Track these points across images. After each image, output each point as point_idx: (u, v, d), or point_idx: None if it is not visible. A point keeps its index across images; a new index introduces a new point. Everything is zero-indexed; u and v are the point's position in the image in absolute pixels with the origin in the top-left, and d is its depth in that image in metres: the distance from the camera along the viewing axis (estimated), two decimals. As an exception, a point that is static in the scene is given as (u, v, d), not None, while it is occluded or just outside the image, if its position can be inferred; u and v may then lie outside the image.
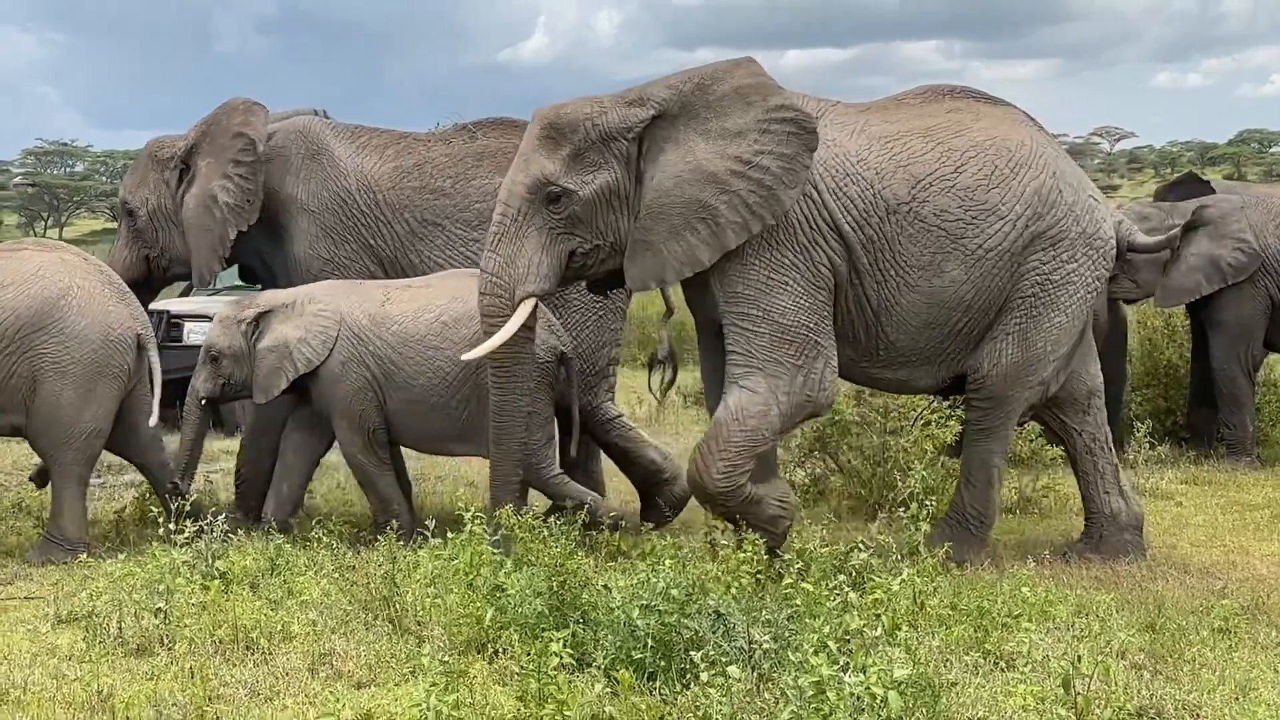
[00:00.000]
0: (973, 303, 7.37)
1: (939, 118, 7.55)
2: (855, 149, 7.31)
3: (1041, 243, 7.40)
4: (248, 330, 8.39)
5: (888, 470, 8.87)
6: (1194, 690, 5.21)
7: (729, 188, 7.05)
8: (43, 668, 5.73)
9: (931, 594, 6.07)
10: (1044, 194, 7.41)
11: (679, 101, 7.23)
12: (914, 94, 7.83)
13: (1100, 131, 77.61)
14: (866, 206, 7.21)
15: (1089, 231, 7.55)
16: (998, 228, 7.32)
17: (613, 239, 7.29)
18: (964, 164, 7.34)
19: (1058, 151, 7.72)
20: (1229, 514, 9.16)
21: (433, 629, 6.07)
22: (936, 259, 7.27)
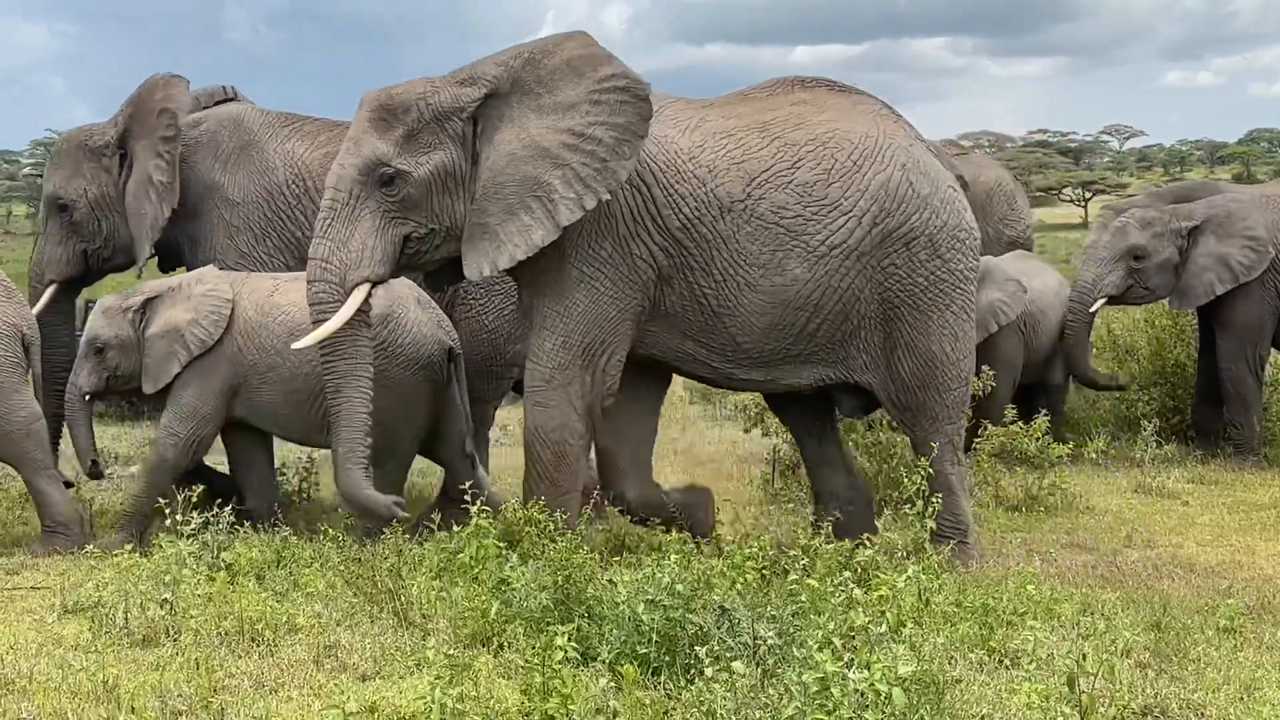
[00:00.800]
0: (821, 303, 7.19)
1: (780, 111, 7.39)
2: (688, 146, 7.17)
3: (894, 243, 7.23)
4: (134, 319, 8.21)
5: (893, 467, 8.87)
6: (1198, 689, 5.20)
7: (562, 161, 6.95)
8: (49, 658, 5.74)
9: (936, 591, 6.06)
10: (891, 188, 7.23)
11: (510, 78, 7.16)
12: (763, 87, 7.68)
13: (1110, 130, 77.46)
14: (699, 204, 7.06)
15: (950, 224, 7.37)
16: (841, 224, 7.15)
17: (449, 222, 7.16)
18: (802, 159, 7.18)
19: (912, 143, 7.49)
20: (1235, 513, 9.15)
21: (438, 622, 6.08)
22: (777, 257, 7.11)
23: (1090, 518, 9.01)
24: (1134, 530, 8.58)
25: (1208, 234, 10.93)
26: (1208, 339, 11.39)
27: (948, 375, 7.43)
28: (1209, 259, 10.86)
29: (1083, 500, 9.37)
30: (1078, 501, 9.32)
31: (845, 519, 7.61)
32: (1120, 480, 10.26)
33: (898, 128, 7.50)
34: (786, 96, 7.51)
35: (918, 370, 7.36)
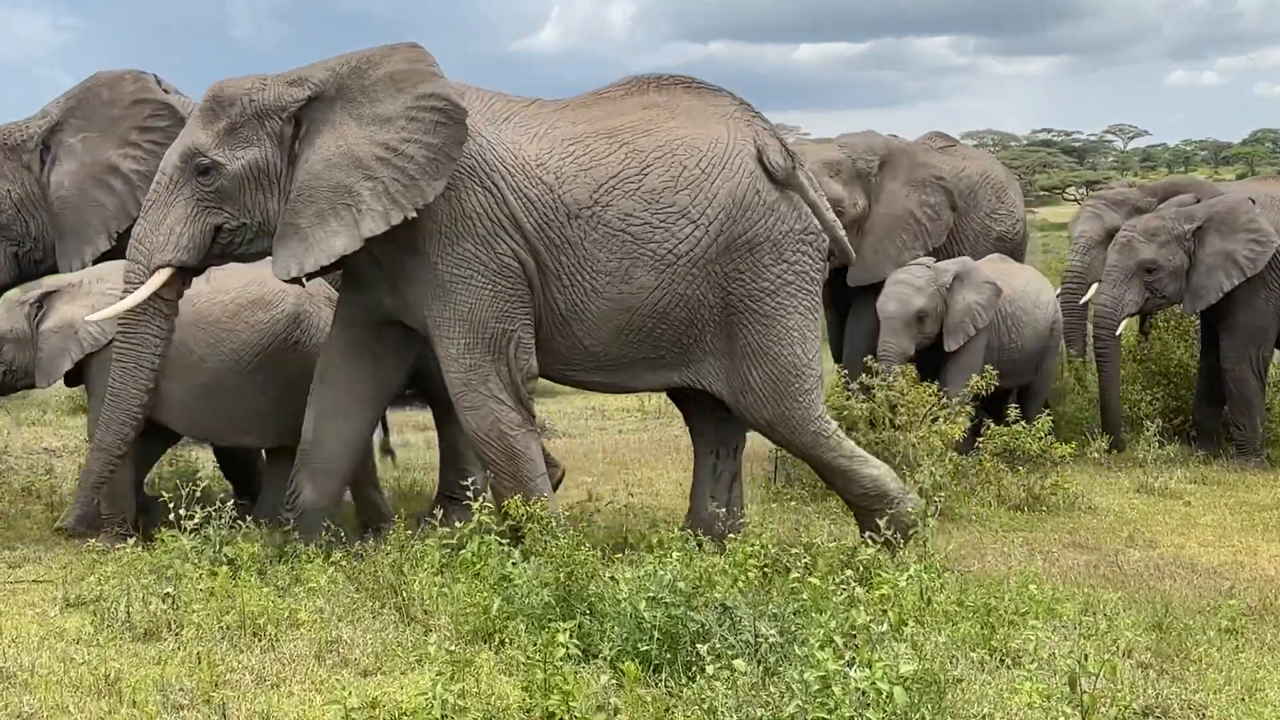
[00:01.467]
0: (669, 311, 7.17)
1: (630, 116, 7.35)
2: (536, 153, 7.15)
3: (739, 249, 7.19)
4: (30, 312, 8.08)
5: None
6: (1200, 690, 5.21)
7: (373, 174, 6.97)
8: (50, 651, 5.75)
9: (938, 590, 6.06)
10: (739, 196, 7.18)
11: (336, 84, 7.17)
12: (619, 86, 7.61)
13: (1114, 129, 77.45)
14: (547, 210, 7.06)
15: (796, 227, 7.32)
16: (688, 232, 7.12)
17: (260, 218, 7.18)
18: (650, 165, 7.14)
19: (767, 143, 7.38)
20: (1238, 514, 9.15)
21: (439, 618, 6.08)
22: (624, 265, 7.09)
23: (1092, 517, 9.01)
24: (1136, 530, 8.58)
25: (1211, 233, 10.94)
26: (1210, 339, 11.40)
27: (801, 379, 7.35)
28: (1216, 257, 10.88)
29: (1085, 500, 9.37)
30: (1080, 501, 9.32)
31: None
32: (1122, 480, 10.26)
33: (750, 130, 7.41)
34: (639, 99, 7.47)
35: (770, 378, 7.29)
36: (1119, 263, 11.07)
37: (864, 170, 11.31)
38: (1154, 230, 11.03)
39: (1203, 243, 10.93)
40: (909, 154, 11.78)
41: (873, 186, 11.31)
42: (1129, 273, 11.01)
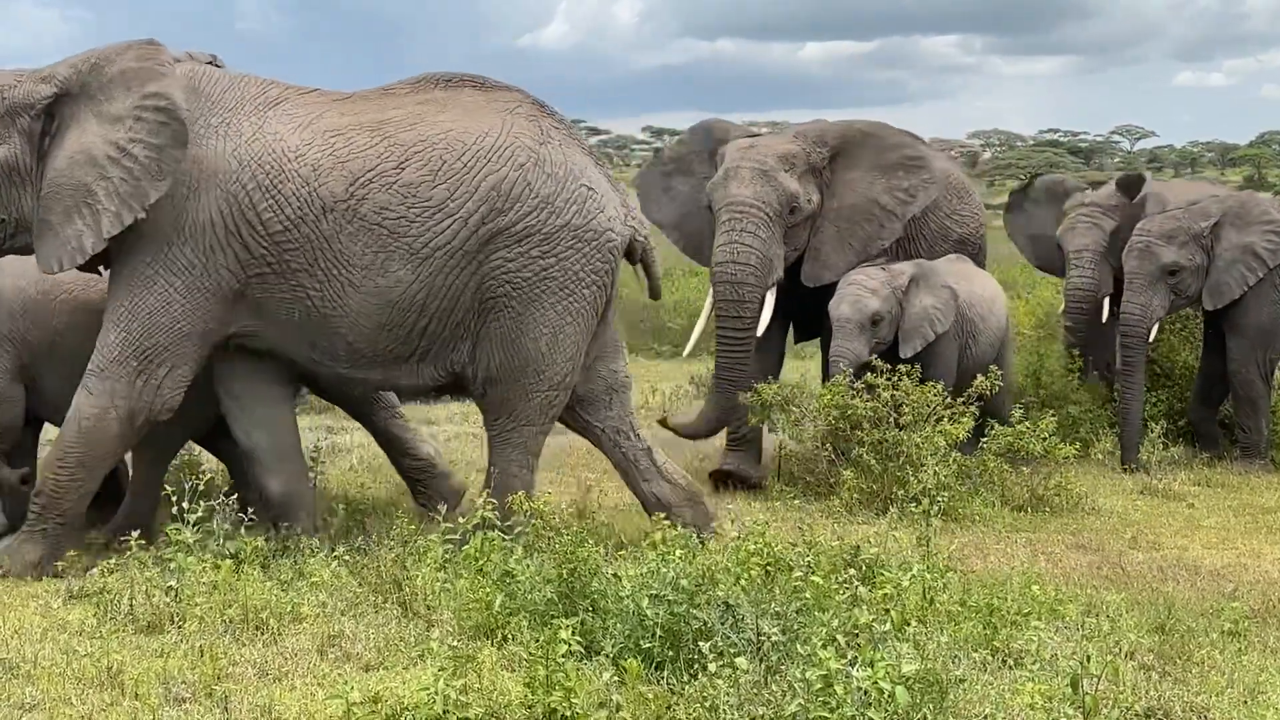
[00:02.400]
0: (428, 304, 7.11)
1: (400, 110, 7.27)
2: (296, 144, 7.08)
3: (505, 239, 7.12)
4: None
5: (899, 465, 8.86)
6: (1202, 692, 5.20)
7: (106, 174, 6.94)
8: (54, 643, 5.75)
9: (941, 590, 6.06)
10: (505, 189, 7.11)
11: (79, 81, 7.14)
12: (406, 83, 7.55)
13: (1121, 130, 77.40)
14: (302, 204, 6.98)
15: (574, 224, 7.23)
16: (446, 225, 7.05)
17: (17, 215, 7.17)
18: (409, 159, 7.07)
19: (543, 142, 7.30)
20: (1241, 516, 9.14)
21: (442, 614, 6.08)
22: (380, 258, 7.03)
23: (1096, 519, 9.00)
24: (1139, 532, 8.58)
25: (1227, 227, 10.93)
26: (1213, 340, 11.38)
27: (539, 375, 7.31)
28: (1235, 251, 10.85)
29: (1088, 501, 9.36)
30: (1083, 502, 9.31)
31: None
32: (1126, 482, 10.25)
33: (530, 126, 7.33)
34: (418, 95, 7.41)
35: (507, 364, 7.26)
36: (1140, 269, 10.89)
37: (818, 164, 10.34)
38: (1170, 232, 10.93)
39: (1219, 238, 10.90)
40: (877, 136, 10.63)
41: (827, 179, 10.30)
42: (1152, 278, 10.85)
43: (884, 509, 8.51)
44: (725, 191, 9.79)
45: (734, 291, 9.62)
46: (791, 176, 9.93)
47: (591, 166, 7.48)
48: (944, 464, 8.68)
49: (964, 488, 8.99)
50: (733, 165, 9.89)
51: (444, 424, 12.97)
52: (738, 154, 9.98)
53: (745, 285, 9.62)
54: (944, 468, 8.63)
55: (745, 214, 9.66)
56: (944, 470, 8.61)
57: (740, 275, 9.61)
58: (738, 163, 9.88)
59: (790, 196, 9.81)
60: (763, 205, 9.69)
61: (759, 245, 9.63)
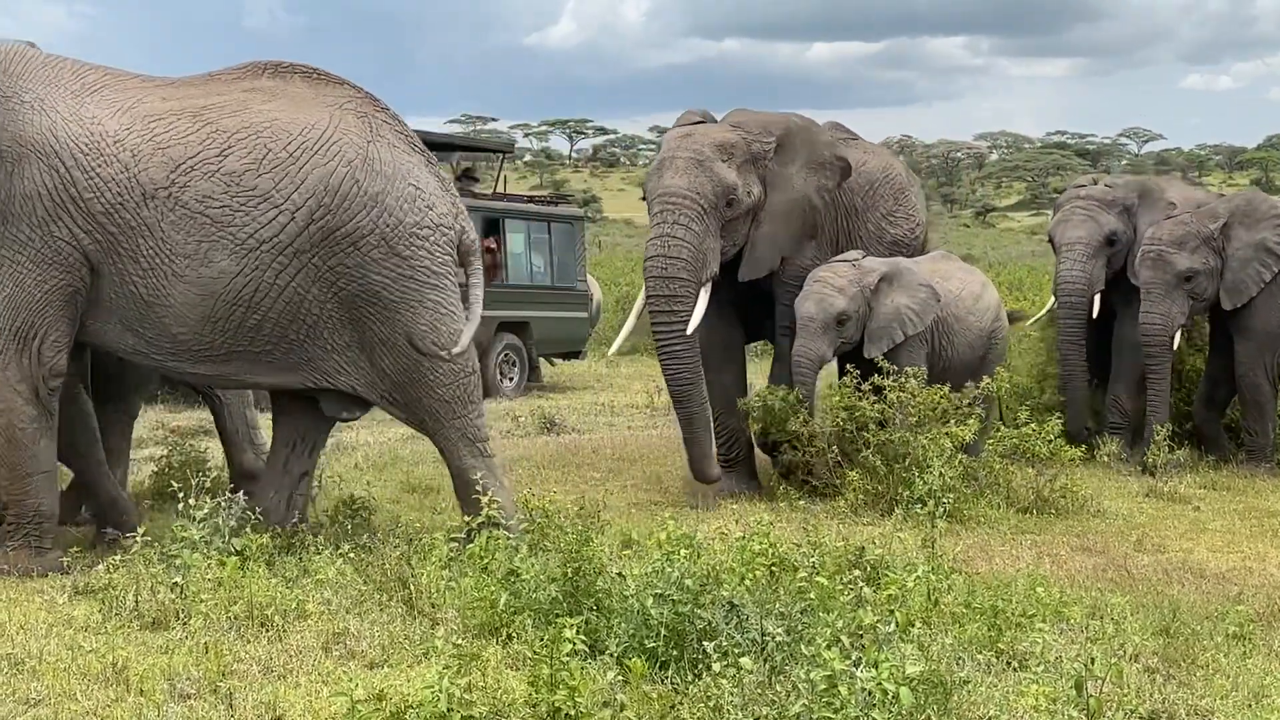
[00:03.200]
0: (254, 298, 6.97)
1: (226, 97, 7.15)
2: (115, 129, 6.96)
3: (341, 243, 7.02)
4: None
5: (905, 466, 8.85)
6: (1207, 695, 5.20)
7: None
8: (59, 638, 5.76)
9: (946, 591, 6.06)
10: (333, 184, 7.01)
11: None
12: (234, 69, 7.43)
13: (1128, 133, 77.35)
14: (122, 190, 6.88)
15: (409, 222, 7.14)
16: (271, 217, 6.94)
17: None
18: (231, 147, 6.95)
19: (371, 139, 7.20)
20: (1247, 520, 9.14)
21: (447, 612, 6.09)
22: (203, 248, 6.90)
23: (1101, 521, 8.99)
24: (1145, 534, 8.57)
25: (1236, 226, 10.95)
26: (1219, 344, 11.38)
27: (436, 371, 7.24)
28: (1248, 249, 10.87)
29: (1093, 504, 9.36)
30: (1088, 505, 9.31)
31: None
32: (1131, 484, 10.26)
33: (359, 122, 7.24)
34: (247, 82, 7.30)
35: (400, 366, 7.19)
36: (1157, 278, 10.85)
37: (759, 154, 9.80)
38: (1181, 238, 10.91)
39: (1230, 238, 10.91)
40: (809, 130, 10.21)
41: (769, 172, 9.82)
42: (1169, 286, 10.83)
43: (889, 510, 8.52)
44: (659, 182, 9.44)
45: (665, 287, 9.31)
46: (729, 167, 9.50)
47: (420, 166, 7.38)
48: (950, 466, 8.67)
49: (969, 489, 8.99)
50: (668, 154, 9.56)
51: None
52: (674, 142, 9.64)
53: (676, 280, 9.28)
54: (950, 469, 8.62)
55: (678, 206, 9.29)
56: (950, 472, 8.60)
57: (671, 270, 9.28)
58: (673, 152, 9.52)
59: (727, 188, 9.42)
60: (697, 197, 9.31)
61: (692, 239, 9.27)
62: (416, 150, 7.44)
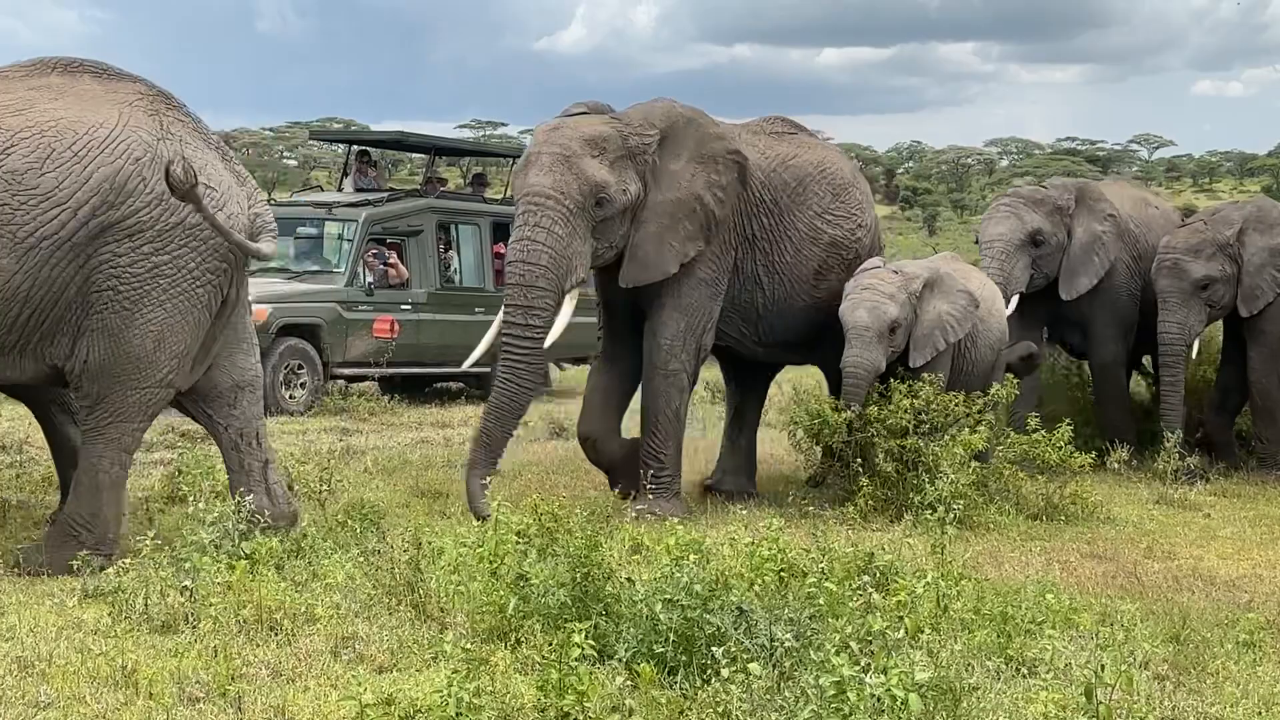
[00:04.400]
0: (31, 295, 6.87)
1: (10, 95, 7.02)
2: None
3: (116, 233, 6.90)
4: None
5: (917, 474, 8.83)
6: (1217, 703, 5.18)
7: None
8: (68, 641, 5.77)
9: (955, 597, 6.05)
10: (119, 181, 6.89)
11: None
12: (21, 66, 7.29)
13: (1139, 139, 77.25)
14: None
15: (190, 222, 7.01)
16: (54, 215, 6.83)
17: None
18: (14, 145, 6.86)
19: (160, 138, 7.08)
20: (1257, 527, 9.11)
21: (456, 616, 6.09)
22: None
23: (1111, 528, 8.98)
24: (1154, 541, 8.55)
25: (1251, 233, 10.93)
26: (1230, 351, 11.35)
27: (140, 373, 7.11)
28: (1263, 255, 10.86)
29: (1103, 510, 9.34)
30: (1098, 511, 9.29)
31: None
32: (1141, 491, 10.24)
33: (149, 120, 7.13)
34: (31, 80, 7.18)
35: (110, 359, 7.04)
36: (1172, 286, 10.80)
37: (638, 149, 8.96)
38: (1197, 246, 10.86)
39: (1245, 245, 10.89)
40: (698, 123, 9.33)
41: (651, 167, 9.00)
42: (1185, 294, 10.77)
43: (899, 516, 8.51)
44: (523, 180, 8.75)
45: (522, 295, 8.60)
46: (600, 163, 8.73)
47: (215, 162, 7.29)
48: (961, 472, 8.65)
49: (980, 495, 8.97)
50: (534, 150, 8.86)
51: (458, 427, 13.01)
52: (541, 137, 8.96)
53: (535, 289, 8.57)
54: (962, 475, 8.60)
55: (540, 206, 8.57)
56: (961, 478, 8.58)
57: (529, 277, 8.56)
58: (539, 148, 8.82)
59: (595, 186, 8.68)
60: (561, 196, 8.57)
61: (553, 243, 8.54)
62: (212, 147, 7.33)
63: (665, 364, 9.14)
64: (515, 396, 8.71)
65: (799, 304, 9.76)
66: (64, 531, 7.18)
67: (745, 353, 9.99)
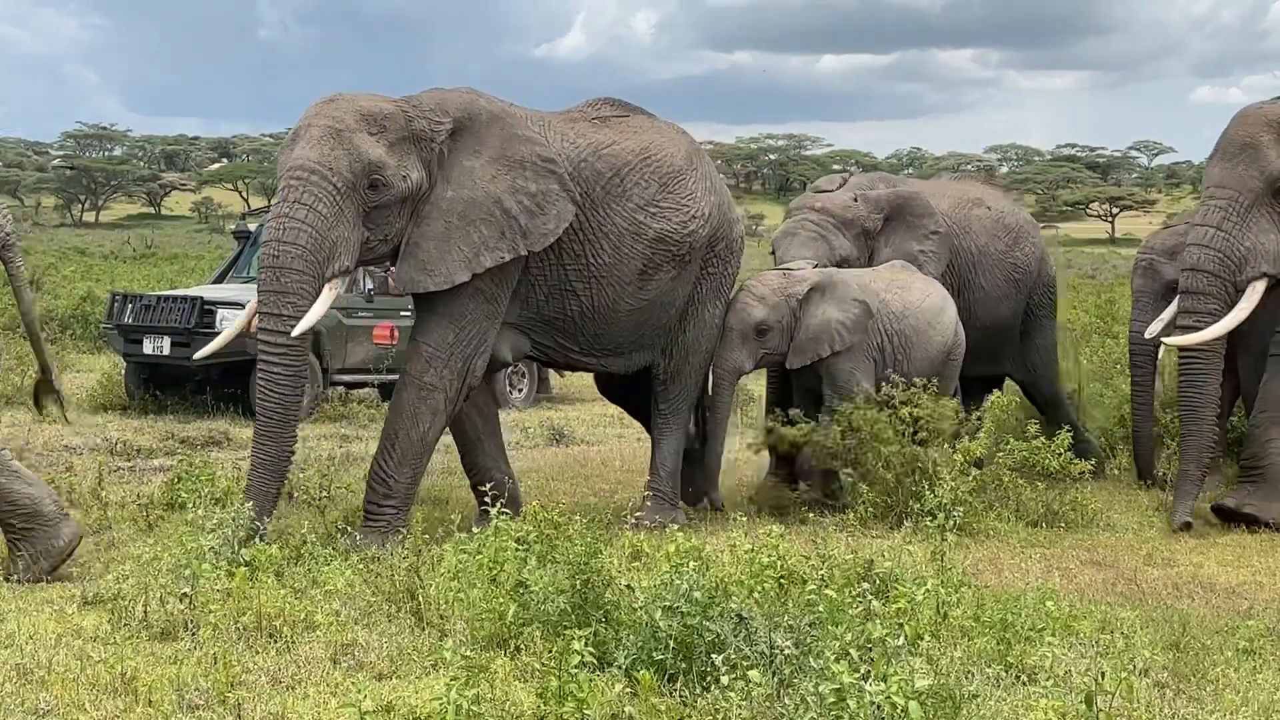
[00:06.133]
0: None
1: None
2: None
3: None
4: None
5: (916, 480, 8.84)
6: (1216, 711, 5.18)
7: None
8: (68, 648, 5.76)
9: (955, 605, 6.05)
10: None
11: None
12: None
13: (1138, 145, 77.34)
14: None
15: None
16: None
17: None
18: None
19: None
20: (1257, 534, 9.10)
21: (455, 623, 6.09)
22: None
23: (1111, 535, 8.98)
24: (1154, 549, 8.55)
25: None
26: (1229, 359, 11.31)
27: None
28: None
29: (1103, 517, 9.34)
30: (1098, 518, 9.29)
31: None
32: (1141, 498, 10.23)
33: None
34: None
35: None
36: (1146, 287, 10.75)
37: (424, 133, 8.04)
38: (1174, 248, 10.80)
39: None
40: (505, 121, 8.36)
41: (440, 158, 8.11)
42: (1159, 296, 10.71)
43: (898, 523, 8.51)
44: (288, 155, 7.84)
45: (275, 279, 7.63)
46: (378, 142, 7.82)
47: None
48: (960, 479, 8.65)
49: (979, 502, 8.97)
50: (303, 123, 7.90)
51: (459, 433, 12.99)
52: (313, 109, 7.98)
53: (290, 272, 7.58)
54: (961, 482, 8.61)
55: (304, 182, 7.62)
56: (961, 485, 8.58)
57: (285, 258, 7.59)
58: (309, 120, 7.88)
59: (370, 166, 7.75)
60: (329, 173, 7.64)
61: (316, 222, 7.60)
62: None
63: (421, 374, 8.12)
64: (282, 403, 7.68)
65: (624, 309, 8.79)
66: None
67: (580, 366, 9.32)
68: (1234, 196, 8.99)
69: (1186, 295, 9.23)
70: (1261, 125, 9.05)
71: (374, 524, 7.95)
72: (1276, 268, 9.06)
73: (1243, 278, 9.07)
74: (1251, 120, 9.14)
